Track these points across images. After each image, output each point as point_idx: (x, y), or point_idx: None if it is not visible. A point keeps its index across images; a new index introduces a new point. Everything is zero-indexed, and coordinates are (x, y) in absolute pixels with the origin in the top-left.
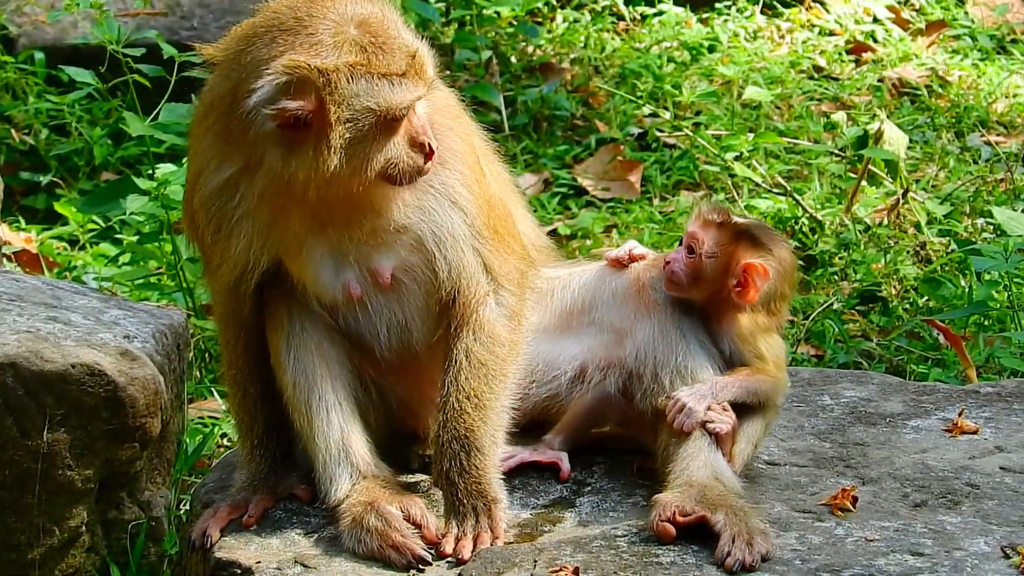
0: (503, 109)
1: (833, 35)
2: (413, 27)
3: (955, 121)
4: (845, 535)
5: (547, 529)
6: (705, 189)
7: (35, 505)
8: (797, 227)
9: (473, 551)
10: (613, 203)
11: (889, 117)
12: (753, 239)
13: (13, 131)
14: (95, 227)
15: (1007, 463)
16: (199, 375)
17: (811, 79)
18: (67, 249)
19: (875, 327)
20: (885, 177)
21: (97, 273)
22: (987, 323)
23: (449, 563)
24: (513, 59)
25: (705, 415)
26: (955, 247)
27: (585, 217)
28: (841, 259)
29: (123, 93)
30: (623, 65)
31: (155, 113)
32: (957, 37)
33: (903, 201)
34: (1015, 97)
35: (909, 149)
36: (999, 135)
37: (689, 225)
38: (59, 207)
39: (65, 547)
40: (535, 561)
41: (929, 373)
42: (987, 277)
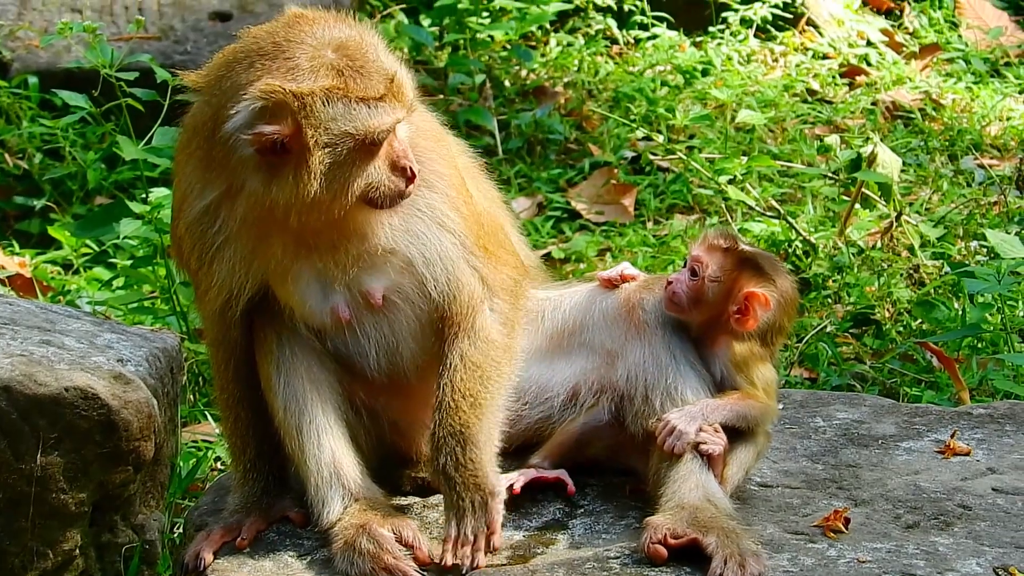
0: (497, 133)
1: (827, 58)
2: (399, 51)
3: (949, 144)
4: (837, 556)
5: (540, 551)
6: (699, 212)
7: (29, 528)
8: (791, 250)
9: (472, 562)
10: (607, 227)
11: (883, 140)
12: (758, 268)
13: (7, 155)
14: (89, 251)
15: (999, 484)
16: (193, 399)
17: (805, 102)
18: (61, 273)
19: (868, 350)
20: (879, 200)
21: (91, 297)
22: (980, 345)
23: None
24: (507, 83)
25: (696, 436)
26: (948, 270)
27: (579, 241)
28: (835, 282)
29: (117, 117)
30: (617, 89)
31: (148, 137)
32: (951, 60)
33: (896, 224)
34: (1008, 120)
35: (903, 172)
36: (992, 158)
37: (694, 248)
38: (53, 231)
39: (59, 570)
40: None
41: (922, 395)
42: (980, 300)
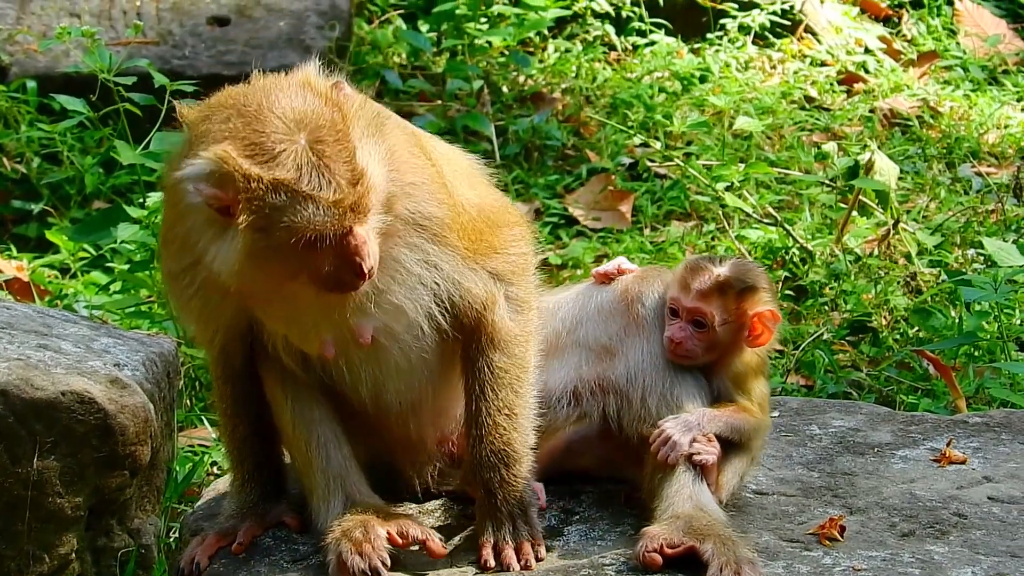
0: (494, 139)
1: (825, 65)
2: (395, 58)
3: (946, 152)
4: (833, 564)
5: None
6: (696, 219)
7: (25, 532)
8: (788, 257)
9: (520, 561)
10: (604, 233)
11: (880, 147)
12: (752, 288)
13: (5, 160)
14: (86, 255)
15: (995, 493)
16: (189, 403)
17: (802, 109)
18: (58, 277)
19: (865, 357)
20: (876, 207)
21: (88, 301)
22: (977, 353)
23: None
24: (504, 89)
25: (690, 447)
26: (945, 278)
27: (576, 247)
28: (831, 289)
29: (114, 121)
30: (614, 95)
31: (146, 142)
32: (949, 68)
33: (894, 231)
34: (1006, 128)
35: (900, 179)
36: (990, 166)
37: (685, 300)
38: (50, 235)
39: (55, 574)
40: None
41: (919, 403)
42: (977, 308)
